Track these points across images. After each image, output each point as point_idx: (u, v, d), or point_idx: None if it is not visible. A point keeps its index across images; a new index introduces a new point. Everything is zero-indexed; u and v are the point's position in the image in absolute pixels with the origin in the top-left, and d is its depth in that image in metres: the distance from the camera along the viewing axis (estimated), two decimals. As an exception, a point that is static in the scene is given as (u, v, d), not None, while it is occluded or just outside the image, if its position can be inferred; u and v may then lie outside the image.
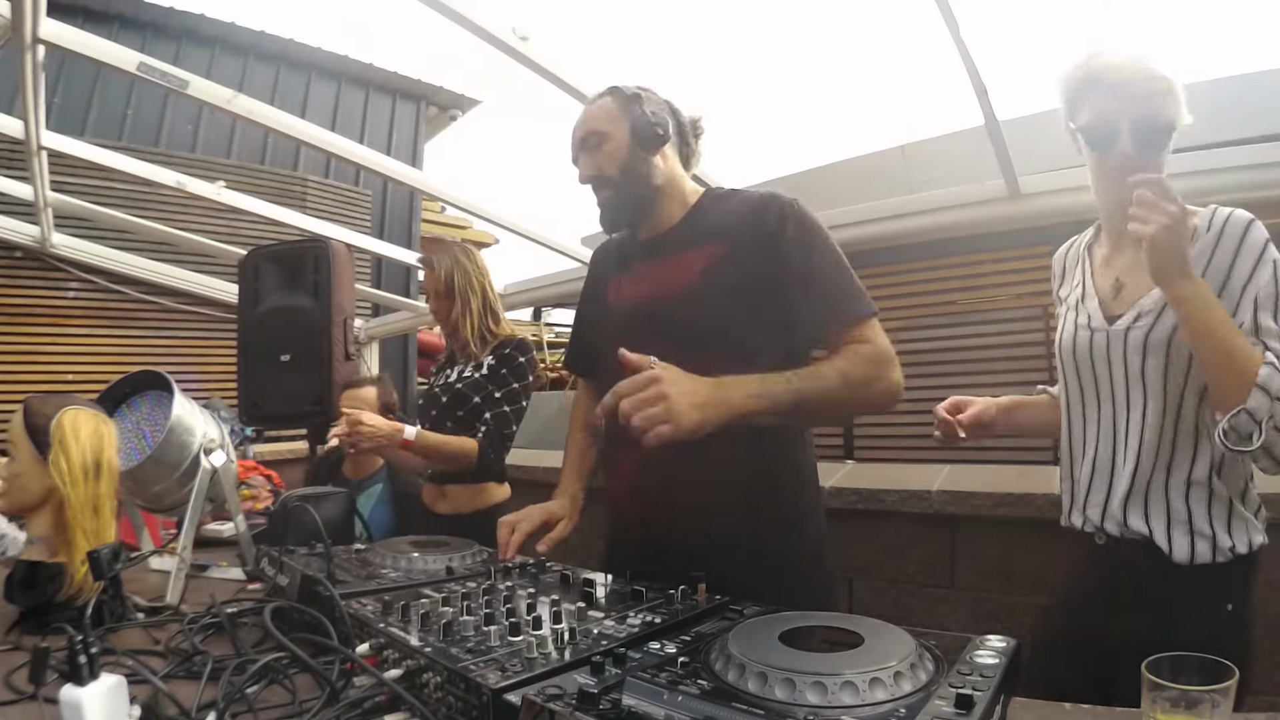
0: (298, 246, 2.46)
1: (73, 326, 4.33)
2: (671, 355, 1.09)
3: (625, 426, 0.99)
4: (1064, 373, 1.20)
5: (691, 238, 1.29)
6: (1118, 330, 1.10)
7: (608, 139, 1.31)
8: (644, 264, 1.35)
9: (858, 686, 0.64)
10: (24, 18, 2.07)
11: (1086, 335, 1.14)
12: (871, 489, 1.96)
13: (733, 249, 1.23)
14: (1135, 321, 1.09)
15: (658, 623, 0.89)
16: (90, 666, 0.74)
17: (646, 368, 1.02)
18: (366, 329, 4.74)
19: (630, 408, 0.98)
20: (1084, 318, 1.16)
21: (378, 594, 1.04)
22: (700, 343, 1.17)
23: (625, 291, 1.36)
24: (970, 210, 2.27)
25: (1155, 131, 1.04)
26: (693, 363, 1.08)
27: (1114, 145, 1.06)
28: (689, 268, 1.25)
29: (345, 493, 1.73)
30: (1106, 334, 1.12)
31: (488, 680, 0.70)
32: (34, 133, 2.78)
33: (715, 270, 1.23)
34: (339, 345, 2.23)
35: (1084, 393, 1.17)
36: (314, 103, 6.26)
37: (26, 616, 1.19)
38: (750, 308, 1.20)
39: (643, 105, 1.31)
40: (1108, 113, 1.05)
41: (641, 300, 1.31)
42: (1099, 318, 1.14)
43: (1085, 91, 1.08)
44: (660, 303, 1.27)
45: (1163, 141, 1.06)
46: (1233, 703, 0.63)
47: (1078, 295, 1.20)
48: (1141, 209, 0.95)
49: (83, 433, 1.24)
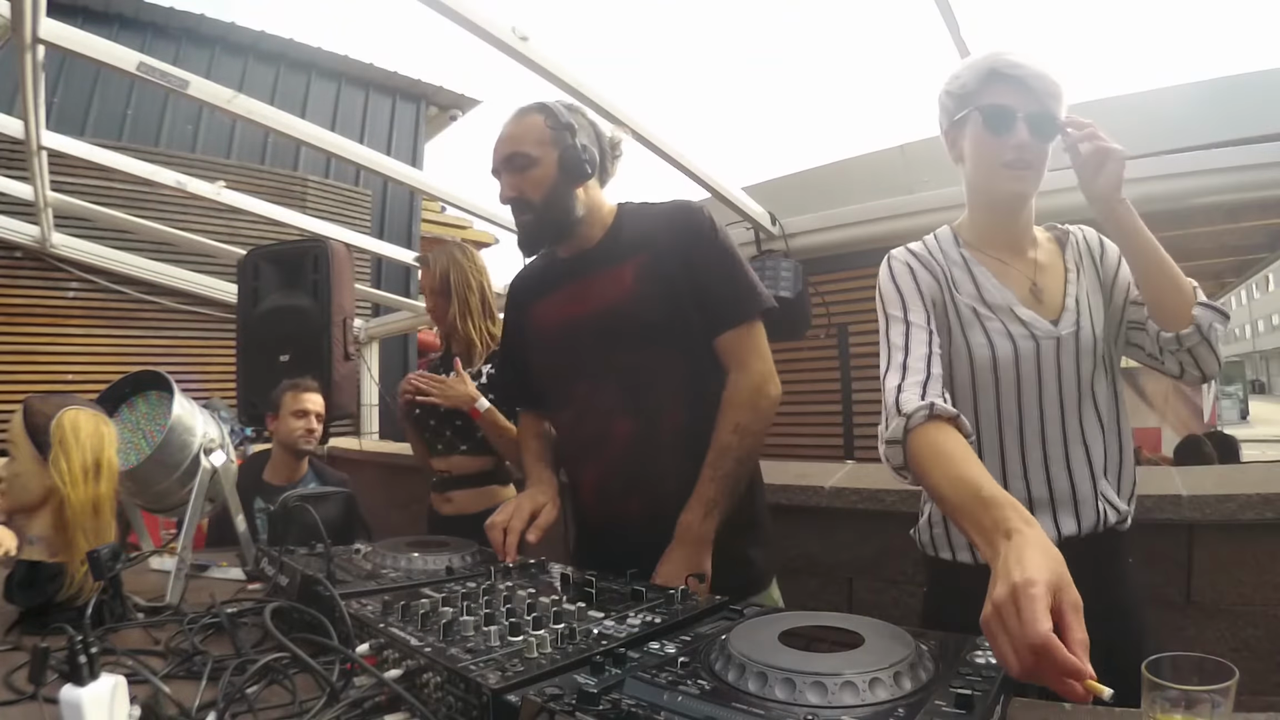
0: (297, 246, 2.47)
1: (73, 326, 4.33)
2: (615, 358, 1.29)
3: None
4: (996, 387, 1.11)
5: (615, 252, 1.35)
6: (1066, 335, 1.10)
7: (535, 164, 1.31)
8: (574, 281, 1.39)
9: (858, 686, 0.64)
10: (24, 18, 2.06)
11: (1030, 345, 1.10)
12: (871, 489, 1.95)
13: (653, 257, 1.32)
14: (1075, 326, 1.11)
15: (658, 623, 0.89)
16: (90, 666, 0.74)
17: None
18: (366, 329, 4.74)
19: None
20: (1018, 325, 1.11)
21: (378, 594, 1.04)
22: (638, 342, 1.29)
23: (559, 310, 1.40)
24: (970, 210, 2.27)
25: (1047, 126, 1.07)
26: (633, 359, 1.28)
27: (1011, 130, 1.06)
28: (619, 277, 1.33)
29: (345, 493, 1.73)
30: (1057, 341, 1.10)
31: (487, 680, 0.70)
32: (34, 133, 2.78)
33: (642, 277, 1.31)
34: (339, 345, 2.24)
35: (1022, 405, 1.11)
36: (314, 103, 6.27)
37: (26, 616, 1.19)
38: (675, 307, 1.30)
39: (574, 136, 1.32)
40: (1011, 100, 1.06)
41: (580, 314, 1.36)
42: (1042, 324, 1.11)
43: (994, 78, 1.09)
44: (597, 313, 1.33)
45: (1052, 135, 1.07)
46: (1233, 703, 0.63)
47: (997, 301, 1.12)
48: (1084, 132, 1.03)
49: (83, 433, 1.24)
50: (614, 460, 1.33)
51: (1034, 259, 1.16)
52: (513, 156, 1.32)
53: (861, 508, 1.96)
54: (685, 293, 1.30)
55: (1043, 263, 1.16)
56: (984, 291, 1.13)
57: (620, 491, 1.34)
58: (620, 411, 1.32)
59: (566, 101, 1.38)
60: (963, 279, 1.15)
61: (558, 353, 1.39)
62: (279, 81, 6.13)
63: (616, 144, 1.41)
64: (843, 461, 2.62)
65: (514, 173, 1.32)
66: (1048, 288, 1.14)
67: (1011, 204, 1.13)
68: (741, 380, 1.30)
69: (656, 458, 1.30)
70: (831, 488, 2.01)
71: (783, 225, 2.64)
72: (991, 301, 1.12)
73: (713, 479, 1.26)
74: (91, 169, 3.61)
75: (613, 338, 1.31)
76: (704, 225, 1.34)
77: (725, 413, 1.29)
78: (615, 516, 1.35)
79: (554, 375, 1.42)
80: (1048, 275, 1.15)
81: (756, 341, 1.33)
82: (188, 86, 2.33)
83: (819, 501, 2.01)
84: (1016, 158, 1.07)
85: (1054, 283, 1.14)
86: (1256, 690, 1.39)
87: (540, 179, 1.31)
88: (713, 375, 1.32)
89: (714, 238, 1.33)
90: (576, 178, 1.32)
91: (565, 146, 1.30)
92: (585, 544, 1.46)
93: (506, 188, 1.33)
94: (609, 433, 1.33)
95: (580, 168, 1.31)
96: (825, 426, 2.87)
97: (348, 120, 6.44)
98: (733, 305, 1.31)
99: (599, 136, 1.38)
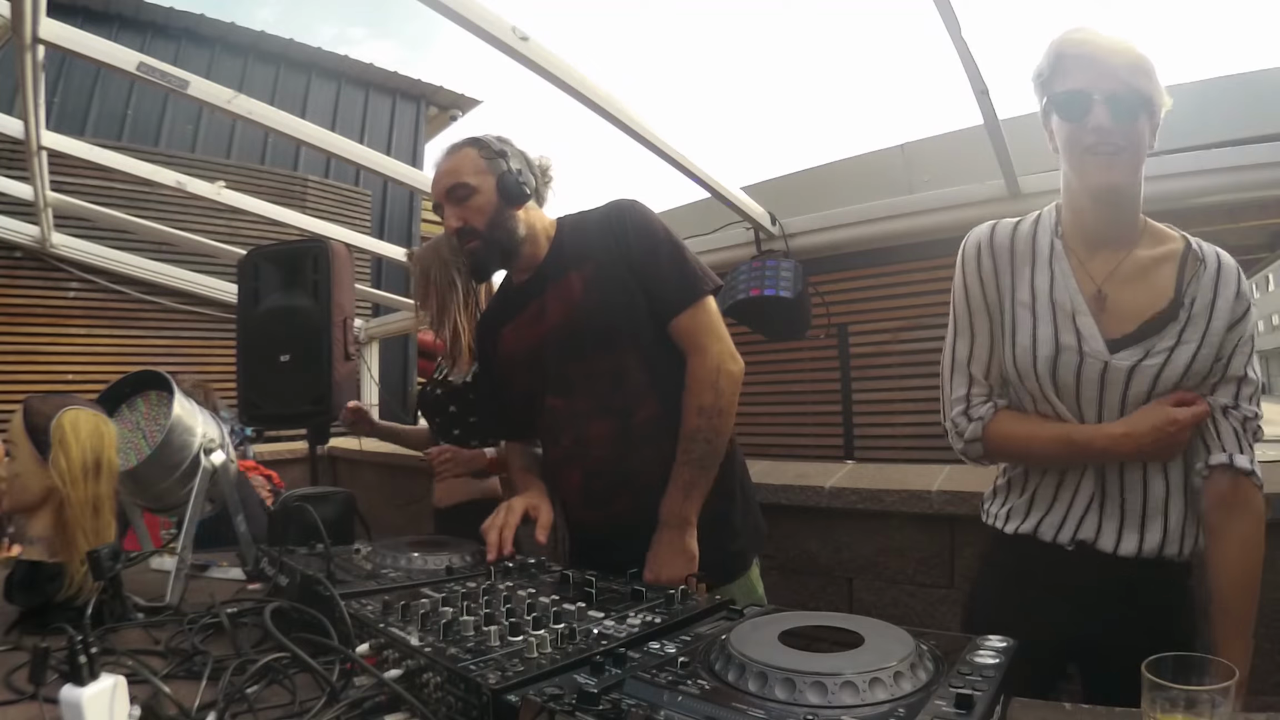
0: (297, 246, 2.46)
1: (73, 326, 4.32)
2: (581, 365, 1.35)
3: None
4: (1041, 389, 1.07)
5: (563, 264, 1.41)
6: (1120, 365, 1.01)
7: (475, 192, 1.37)
8: (530, 301, 1.44)
9: (858, 686, 0.64)
10: (24, 18, 2.06)
11: (1074, 360, 1.03)
12: (871, 489, 1.95)
13: (597, 263, 1.37)
14: (1143, 360, 1.01)
15: (658, 623, 0.89)
16: (90, 667, 0.74)
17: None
18: (366, 329, 4.74)
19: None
20: (1070, 336, 1.04)
21: (378, 594, 1.04)
22: (600, 347, 1.35)
23: (524, 332, 1.45)
24: (970, 210, 2.27)
25: (1131, 104, 0.98)
26: (598, 364, 1.34)
27: (1088, 115, 0.99)
28: (569, 289, 1.38)
29: (346, 492, 1.73)
30: (1106, 364, 1.02)
31: (487, 680, 0.70)
32: (34, 133, 2.78)
33: (591, 284, 1.37)
34: (339, 345, 2.23)
35: (1062, 412, 1.07)
36: (314, 103, 6.27)
37: (26, 616, 1.19)
38: (628, 306, 1.35)
39: (508, 162, 1.39)
40: (1083, 81, 0.99)
41: (543, 331, 1.41)
42: (1097, 341, 1.02)
43: (1062, 61, 1.02)
44: (556, 326, 1.38)
45: (1138, 114, 0.99)
46: (1232, 703, 0.63)
47: (1061, 303, 1.06)
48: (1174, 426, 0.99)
49: (83, 433, 1.24)
50: (596, 463, 1.37)
51: (1122, 260, 1.05)
52: (453, 189, 1.38)
53: (861, 508, 1.96)
54: (635, 289, 1.35)
55: (1130, 271, 1.05)
56: (1055, 289, 1.06)
57: (604, 493, 1.37)
58: (594, 415, 1.36)
59: (494, 134, 1.45)
60: (1040, 272, 1.08)
61: (527, 372, 1.44)
62: (279, 81, 6.12)
63: (546, 169, 1.48)
64: (843, 461, 2.61)
65: (456, 204, 1.38)
66: (1120, 300, 1.04)
67: (1102, 195, 1.03)
68: (700, 362, 1.34)
69: (635, 454, 1.34)
70: (831, 488, 2.01)
71: (783, 225, 2.64)
72: (1057, 300, 1.06)
73: (686, 463, 1.31)
74: (91, 169, 3.61)
75: (576, 347, 1.36)
76: (639, 219, 1.39)
77: (688, 397, 1.33)
78: (607, 518, 1.38)
79: (528, 394, 1.46)
80: (1131, 287, 1.04)
81: (710, 321, 1.37)
82: (188, 86, 2.33)
83: (819, 501, 2.01)
84: (1098, 140, 0.99)
85: (1133, 297, 1.03)
86: (1257, 690, 1.39)
87: (482, 206, 1.37)
88: (675, 364, 1.36)
89: (650, 229, 1.38)
90: (515, 200, 1.39)
91: (501, 173, 1.38)
92: (583, 550, 1.47)
93: (451, 218, 1.39)
94: (586, 437, 1.37)
95: (518, 190, 1.38)
96: (825, 426, 2.87)
97: (348, 120, 6.43)
98: (679, 290, 1.35)
99: (528, 162, 1.45)
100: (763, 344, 2.62)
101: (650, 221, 1.39)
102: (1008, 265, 1.11)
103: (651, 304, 1.36)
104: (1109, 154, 0.99)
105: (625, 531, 1.33)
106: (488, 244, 1.39)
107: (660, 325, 1.37)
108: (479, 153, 1.39)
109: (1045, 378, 1.06)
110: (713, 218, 2.74)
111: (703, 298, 1.36)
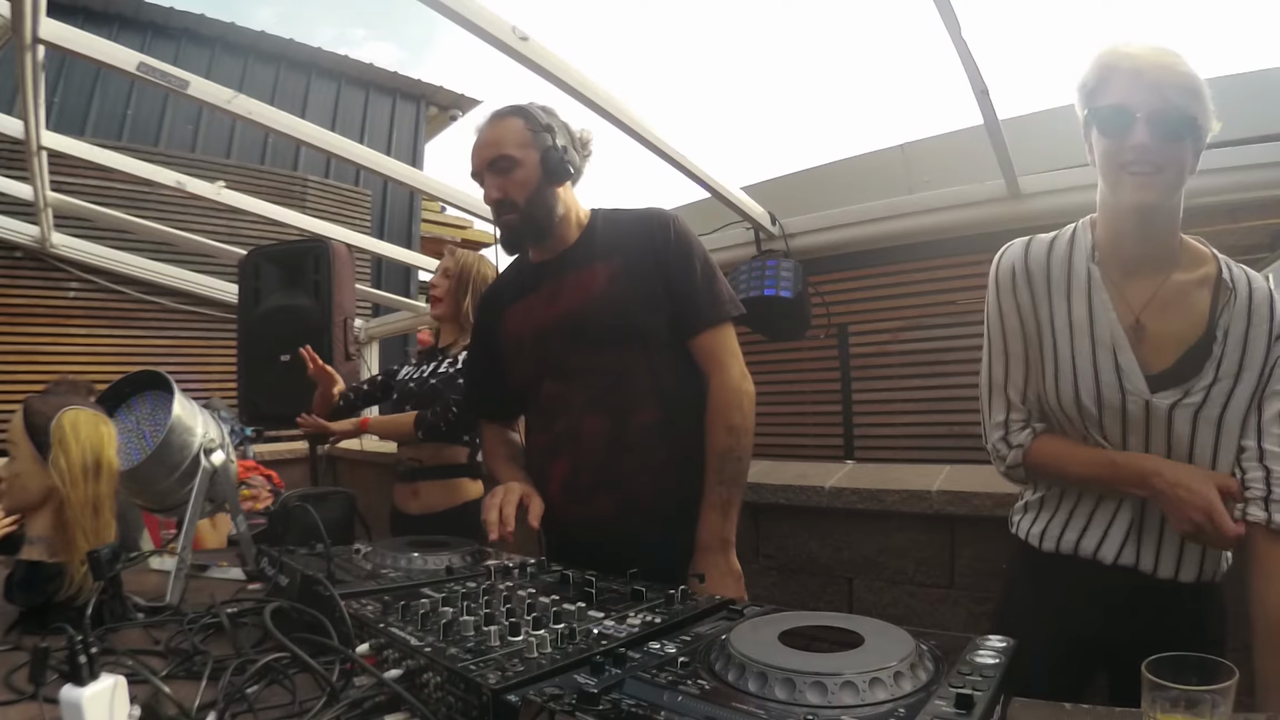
0: (298, 246, 2.47)
1: (73, 326, 4.32)
2: (585, 358, 1.33)
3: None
4: (1084, 424, 1.06)
5: (591, 254, 1.39)
6: (1161, 405, 0.99)
7: (518, 165, 1.34)
8: (548, 283, 1.42)
9: (858, 686, 0.64)
10: (24, 18, 2.06)
11: (1116, 398, 1.01)
12: (871, 489, 1.95)
13: (627, 260, 1.36)
14: (1183, 400, 0.99)
15: (658, 623, 0.89)
16: (90, 666, 0.74)
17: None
18: (366, 329, 4.74)
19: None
20: (1110, 375, 1.01)
21: (378, 594, 1.04)
22: (609, 343, 1.34)
23: (533, 312, 1.42)
24: (970, 210, 2.27)
25: (1174, 124, 0.94)
26: (603, 359, 1.33)
27: (1129, 132, 0.95)
28: (592, 279, 1.37)
29: (346, 493, 1.73)
30: (1148, 403, 1.00)
31: (487, 680, 0.70)
32: (34, 133, 2.78)
33: (616, 279, 1.35)
34: (339, 345, 2.24)
35: (1102, 444, 1.06)
36: (314, 103, 6.27)
37: (26, 616, 1.19)
38: (647, 310, 1.34)
39: (555, 138, 1.36)
40: (1127, 97, 0.96)
41: (553, 314, 1.39)
42: (1138, 379, 1.00)
43: (1107, 74, 0.98)
44: (569, 313, 1.37)
45: (1181, 134, 0.95)
46: (1232, 703, 0.63)
47: (1101, 339, 1.02)
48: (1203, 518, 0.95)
49: (83, 433, 1.24)
50: (583, 458, 1.35)
51: (1160, 286, 1.02)
52: (496, 160, 1.35)
53: (861, 508, 1.96)
54: (659, 296, 1.35)
55: (1168, 297, 1.02)
56: (1095, 323, 1.03)
57: (588, 489, 1.35)
58: (590, 408, 1.35)
59: (540, 104, 1.41)
60: (1078, 302, 1.05)
61: (530, 354, 1.42)
62: (279, 81, 6.13)
63: (587, 142, 1.45)
64: (843, 461, 2.61)
65: (497, 175, 1.35)
66: (1159, 330, 1.01)
67: (1137, 215, 1.00)
68: (723, 382, 1.35)
69: (627, 456, 1.33)
70: (831, 488, 2.01)
71: (783, 225, 2.64)
72: (1097, 336, 1.03)
73: (719, 483, 1.31)
74: (91, 169, 3.61)
75: (584, 337, 1.35)
76: (681, 229, 1.39)
77: (715, 417, 1.34)
78: (584, 516, 1.36)
79: (525, 377, 1.44)
80: (1168, 315, 1.01)
81: (733, 344, 1.39)
82: (188, 86, 2.33)
83: (819, 501, 2.01)
84: (1136, 159, 0.95)
85: (1171, 326, 1.01)
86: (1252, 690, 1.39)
87: (524, 180, 1.34)
88: (680, 375, 1.36)
89: (690, 241, 1.38)
90: (558, 178, 1.36)
91: (546, 148, 1.35)
92: (554, 544, 1.43)
93: (491, 189, 1.36)
94: (579, 430, 1.35)
95: (562, 168, 1.35)
96: (825, 427, 2.87)
97: (348, 120, 6.44)
98: (709, 307, 1.37)
99: (572, 137, 1.42)
100: (763, 344, 2.62)
101: (691, 235, 1.40)
102: (1045, 293, 1.07)
103: (677, 314, 1.36)
104: (1146, 173, 0.95)
105: (599, 533, 1.31)
106: (525, 219, 1.36)
107: (678, 336, 1.37)
108: (525, 124, 1.35)
109: (1088, 413, 1.04)
110: (713, 218, 2.74)
111: (728, 320, 1.38)
